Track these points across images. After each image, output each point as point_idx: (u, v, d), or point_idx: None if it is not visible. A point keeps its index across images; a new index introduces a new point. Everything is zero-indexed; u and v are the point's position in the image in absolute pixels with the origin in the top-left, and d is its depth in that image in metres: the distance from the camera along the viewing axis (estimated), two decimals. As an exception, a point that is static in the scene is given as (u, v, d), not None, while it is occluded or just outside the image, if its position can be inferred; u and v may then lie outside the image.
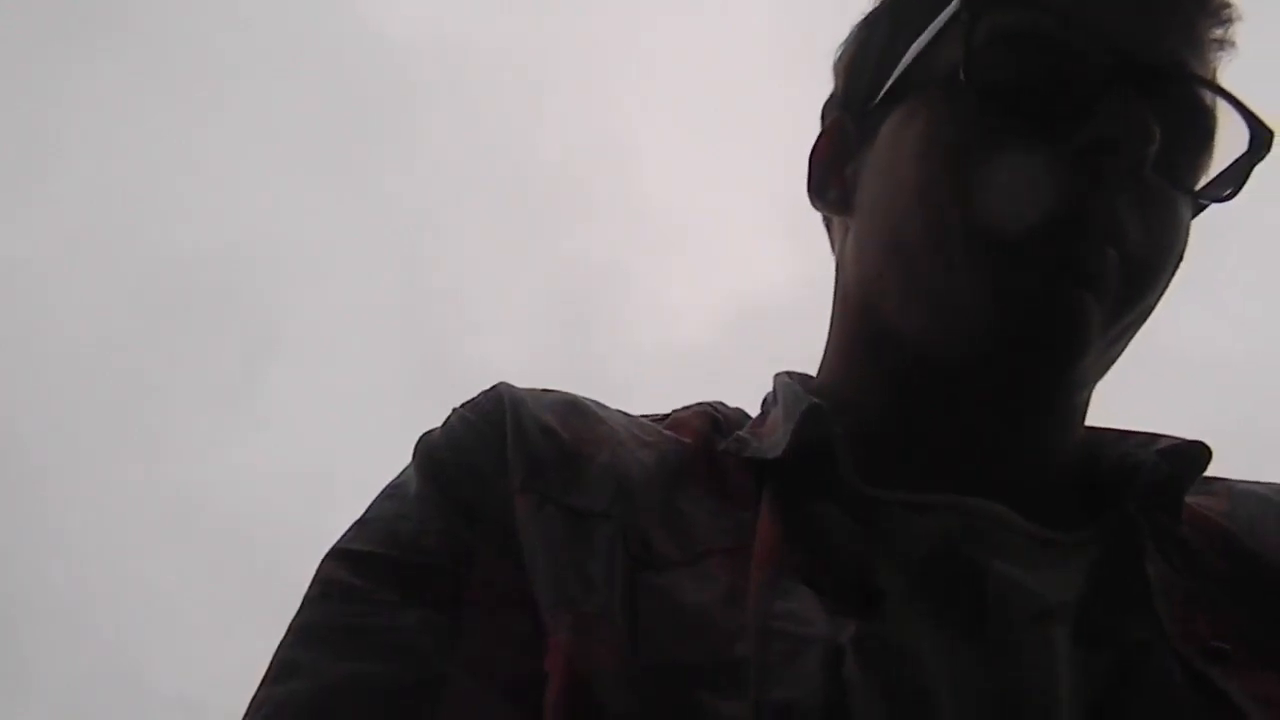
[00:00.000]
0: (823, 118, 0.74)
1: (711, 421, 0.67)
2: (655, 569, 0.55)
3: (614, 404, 0.71)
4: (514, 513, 0.58)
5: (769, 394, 0.70)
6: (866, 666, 0.50)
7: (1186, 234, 0.63)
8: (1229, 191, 0.63)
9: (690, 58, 3.92)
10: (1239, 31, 0.65)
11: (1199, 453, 0.62)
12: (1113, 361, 0.64)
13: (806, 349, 0.76)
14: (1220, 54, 0.64)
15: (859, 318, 0.67)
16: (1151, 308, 0.63)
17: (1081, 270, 0.57)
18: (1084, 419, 0.66)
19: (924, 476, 0.60)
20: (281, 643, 0.56)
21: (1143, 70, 0.59)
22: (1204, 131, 0.62)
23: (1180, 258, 0.62)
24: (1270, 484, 0.68)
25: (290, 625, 0.57)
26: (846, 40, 0.72)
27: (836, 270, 0.71)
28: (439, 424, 0.64)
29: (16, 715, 3.57)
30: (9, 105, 3.88)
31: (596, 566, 0.55)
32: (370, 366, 4.01)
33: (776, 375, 0.70)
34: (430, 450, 0.63)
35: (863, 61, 0.70)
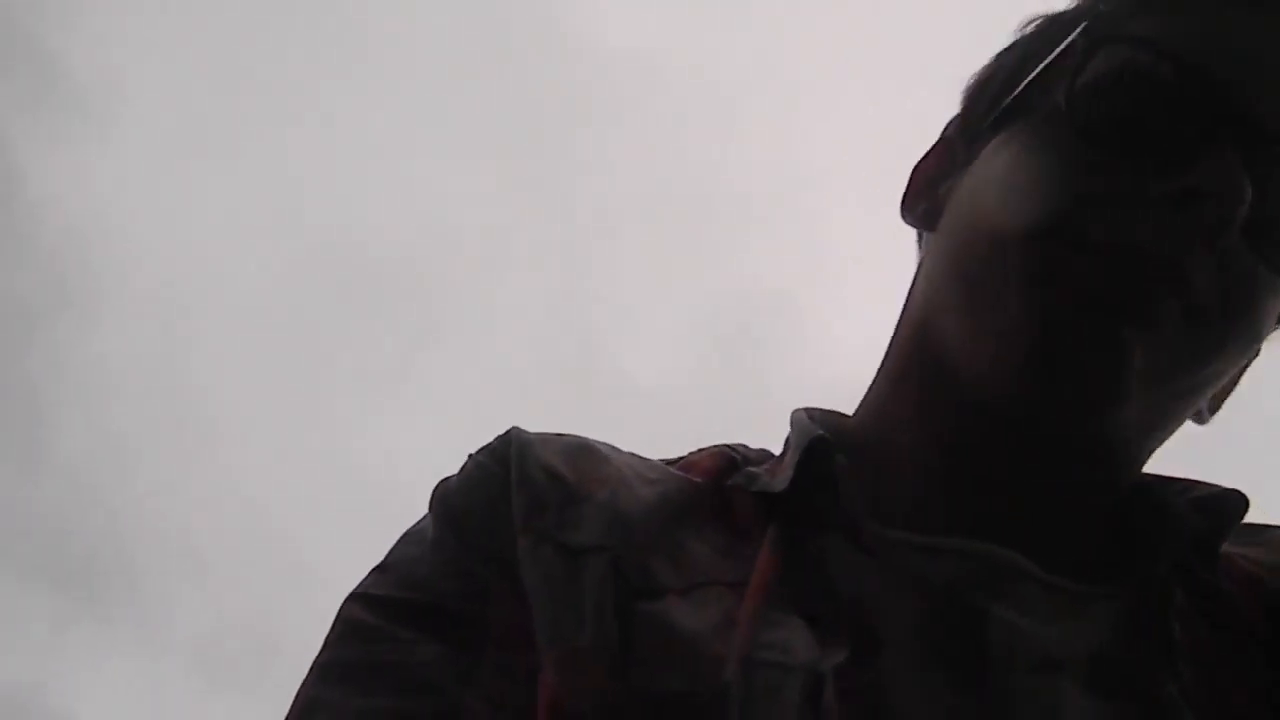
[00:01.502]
0: (942, 136, 0.72)
1: (728, 461, 0.66)
2: (651, 596, 0.55)
3: (766, 431, 0.69)
4: (516, 553, 0.58)
5: (789, 434, 0.67)
6: (846, 698, 0.49)
7: (1271, 316, 0.59)
8: None
9: (887, 89, 3.85)
10: None
11: (1235, 502, 0.59)
12: (1159, 435, 0.61)
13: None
14: None
15: (912, 337, 0.65)
16: (1208, 383, 0.59)
17: (1135, 310, 0.54)
18: (1129, 478, 0.62)
19: (940, 519, 0.58)
20: (304, 681, 0.57)
21: (1251, 129, 0.56)
22: None
23: (1255, 338, 0.58)
24: None
25: (312, 664, 0.57)
26: (981, 67, 0.71)
27: (910, 287, 0.70)
28: (457, 471, 0.65)
29: (156, 660, 3.72)
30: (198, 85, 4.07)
31: (588, 600, 0.55)
32: (523, 364, 4.07)
33: (794, 411, 0.68)
34: (445, 496, 0.63)
35: (986, 87, 0.69)
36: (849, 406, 0.73)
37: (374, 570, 0.61)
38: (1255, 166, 0.55)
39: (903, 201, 0.71)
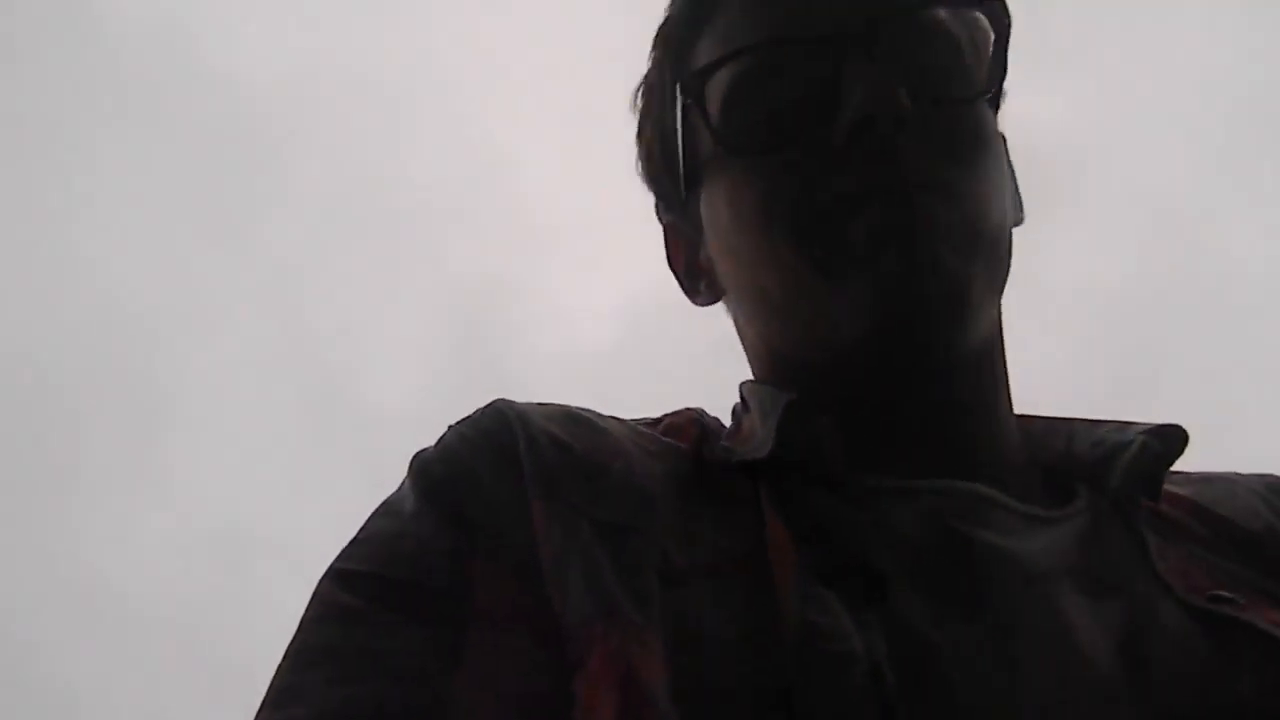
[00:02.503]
0: (659, 223, 0.79)
1: (700, 428, 0.68)
2: (676, 585, 0.55)
3: None
4: (531, 526, 0.57)
5: (736, 405, 0.71)
6: (905, 682, 0.50)
7: (989, 129, 0.66)
8: (997, 76, 0.67)
9: (541, 53, 3.89)
10: None
11: (1180, 434, 0.66)
12: (1000, 283, 0.66)
13: (708, 336, 0.80)
14: None
15: (767, 364, 0.70)
16: (1000, 209, 0.65)
17: (913, 224, 0.59)
18: (1007, 380, 0.69)
19: (900, 464, 0.62)
20: (279, 667, 0.54)
21: (856, 41, 0.61)
22: (949, 44, 0.65)
23: (995, 153, 0.65)
24: (1226, 472, 0.73)
25: (288, 649, 0.55)
26: (636, 152, 0.77)
27: (741, 341, 0.75)
28: (434, 443, 0.64)
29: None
30: None
31: (635, 581, 0.55)
32: (267, 417, 3.91)
33: (742, 384, 0.72)
34: (427, 467, 0.62)
35: (653, 167, 0.75)
36: (595, 377, 0.76)
37: (351, 543, 0.59)
38: (887, 50, 0.61)
39: (687, 293, 0.77)
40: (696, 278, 0.75)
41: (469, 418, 0.64)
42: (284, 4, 4.06)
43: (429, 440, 0.66)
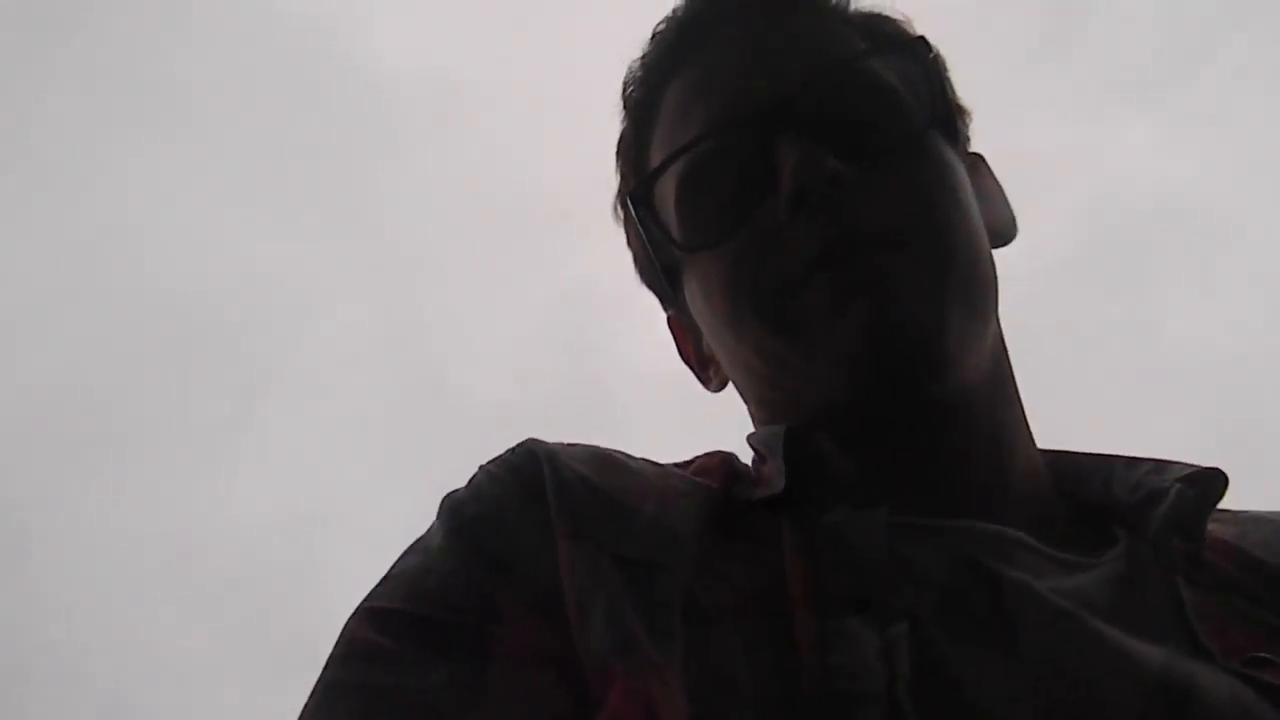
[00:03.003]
0: (667, 323, 0.83)
1: (732, 469, 0.69)
2: (699, 623, 0.55)
3: (616, 429, 0.73)
4: (556, 564, 0.57)
5: (754, 458, 0.71)
6: (923, 707, 0.49)
7: (939, 160, 0.66)
8: (939, 107, 0.67)
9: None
10: None
11: (1219, 479, 0.64)
12: (988, 299, 0.66)
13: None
14: (850, 16, 0.71)
15: (771, 419, 0.70)
16: (973, 245, 0.64)
17: (870, 278, 0.60)
18: (1024, 415, 0.68)
19: (922, 506, 0.61)
20: (306, 704, 0.55)
21: (779, 115, 0.63)
22: (878, 90, 0.66)
23: (951, 185, 0.65)
24: (1274, 510, 0.70)
25: (315, 685, 0.56)
26: (631, 260, 0.81)
27: (751, 420, 0.76)
28: (464, 483, 0.65)
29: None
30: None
31: (658, 619, 0.54)
32: (364, 402, 3.97)
33: (748, 437, 0.72)
34: (457, 507, 0.63)
35: (644, 270, 0.78)
36: (693, 395, 0.78)
37: (381, 580, 0.60)
38: (819, 105, 0.63)
39: (701, 382, 0.80)
40: (705, 366, 0.79)
41: (499, 457, 0.65)
42: (430, 4, 4.15)
43: (520, 436, 0.66)
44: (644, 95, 0.74)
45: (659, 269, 0.74)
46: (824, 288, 0.61)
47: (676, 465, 0.70)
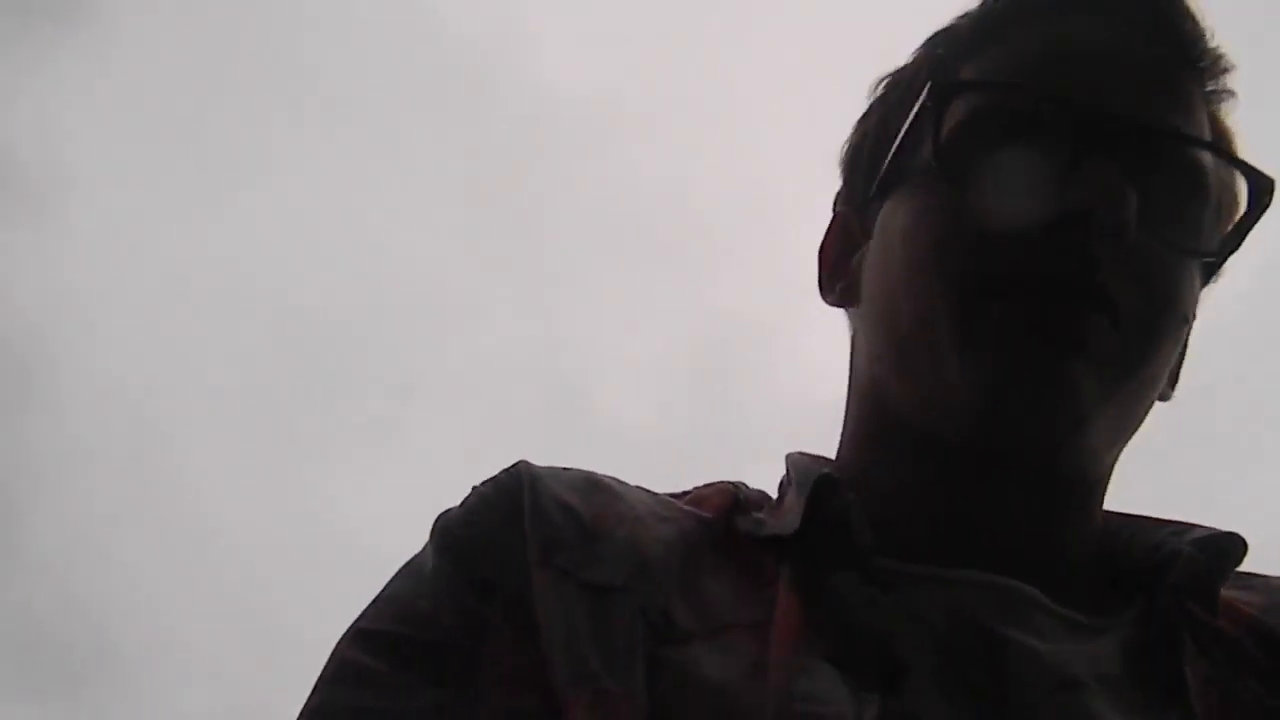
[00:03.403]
0: (833, 211, 0.75)
1: (732, 499, 0.66)
2: (675, 643, 0.54)
3: (752, 459, 0.73)
4: (531, 589, 0.57)
5: (784, 477, 0.69)
6: None
7: (1191, 295, 0.61)
8: (1230, 248, 0.62)
9: (835, 107, 3.86)
10: (1234, 79, 0.64)
11: (1234, 544, 0.61)
12: (1129, 432, 0.63)
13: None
14: (1217, 106, 0.63)
15: (867, 402, 0.67)
16: (1158, 374, 0.61)
17: (1065, 338, 0.56)
18: (1103, 498, 0.65)
19: (942, 554, 0.59)
20: None
21: (1114, 136, 0.58)
22: (1198, 189, 0.60)
23: (1184, 320, 0.61)
24: None
25: (304, 708, 0.56)
26: (848, 135, 0.73)
27: (850, 358, 0.72)
28: (459, 503, 0.64)
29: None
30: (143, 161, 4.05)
31: (616, 642, 0.54)
32: (505, 414, 4.04)
33: (789, 455, 0.70)
34: (448, 528, 0.62)
35: (858, 156, 0.71)
36: (832, 429, 0.74)
37: (372, 602, 0.60)
38: (1135, 162, 0.57)
39: (820, 284, 0.74)
40: (838, 277, 0.72)
41: (492, 478, 0.64)
42: (601, 22, 4.22)
43: (658, 460, 0.66)
44: (1006, 10, 0.66)
45: (883, 167, 0.67)
46: (1027, 312, 0.57)
47: (673, 495, 0.68)
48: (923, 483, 0.62)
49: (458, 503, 0.64)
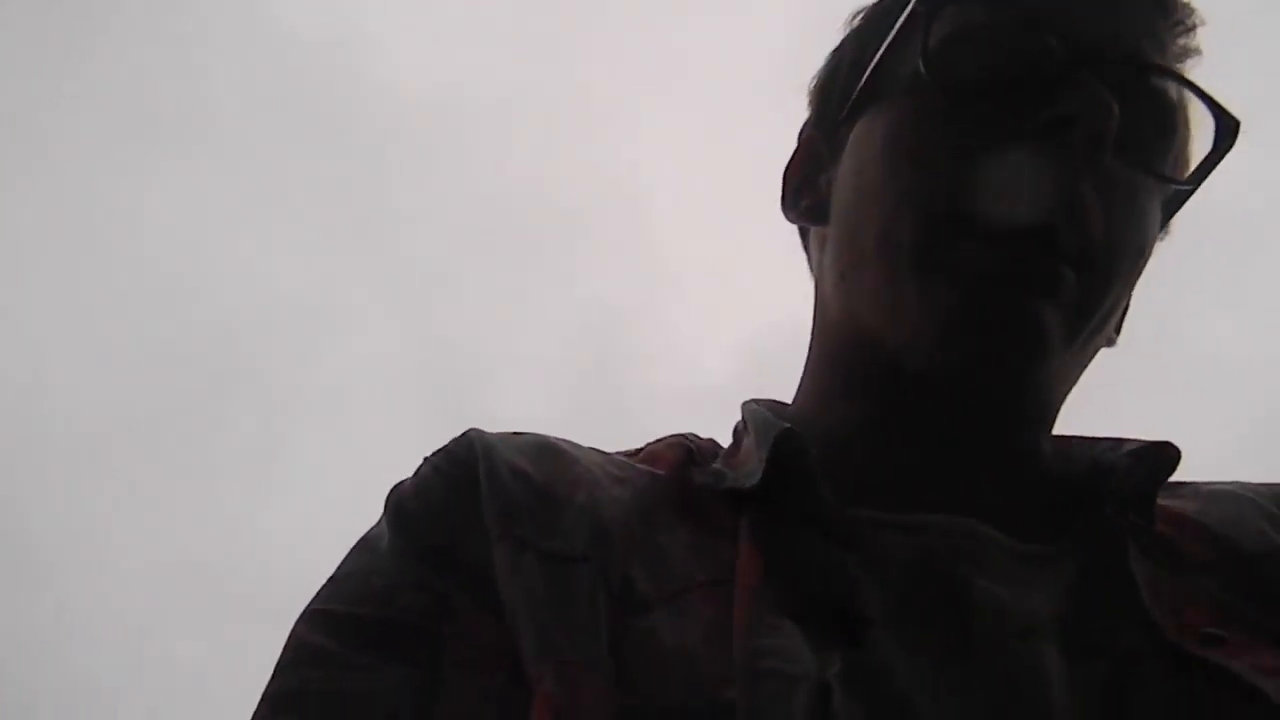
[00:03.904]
0: (799, 139, 0.76)
1: (686, 452, 0.66)
2: (637, 610, 0.54)
3: (637, 442, 0.69)
4: (492, 561, 0.56)
5: (739, 423, 0.69)
6: (854, 700, 0.49)
7: (1152, 229, 0.63)
8: (1193, 179, 0.64)
9: (696, 89, 3.90)
10: (1202, 38, 0.67)
11: (1169, 453, 0.63)
12: (1079, 371, 0.65)
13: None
14: (1185, 58, 0.66)
15: (834, 326, 0.67)
16: (1113, 313, 0.63)
17: (1035, 277, 0.57)
18: (1053, 426, 0.67)
19: (901, 496, 0.60)
20: (255, 713, 0.54)
21: (1102, 58, 0.59)
22: (1168, 120, 0.63)
23: (1144, 253, 0.63)
24: (1234, 481, 0.69)
25: (264, 694, 0.55)
26: (820, 68, 0.74)
27: (815, 285, 0.72)
28: (410, 474, 0.63)
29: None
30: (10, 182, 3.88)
31: (579, 613, 0.53)
32: (390, 421, 3.98)
33: (745, 403, 0.70)
34: (402, 501, 0.61)
35: (832, 82, 0.72)
36: (715, 412, 0.74)
37: (328, 582, 0.58)
38: (1116, 90, 0.58)
39: (783, 203, 0.74)
40: (803, 195, 0.73)
41: (443, 448, 0.63)
42: (447, 22, 4.17)
43: None
44: None
45: (860, 84, 0.67)
46: (997, 231, 0.58)
47: (626, 453, 0.68)
48: (882, 419, 0.63)
49: (410, 474, 0.63)
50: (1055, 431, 0.69)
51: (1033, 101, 0.59)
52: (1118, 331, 0.71)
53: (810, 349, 0.72)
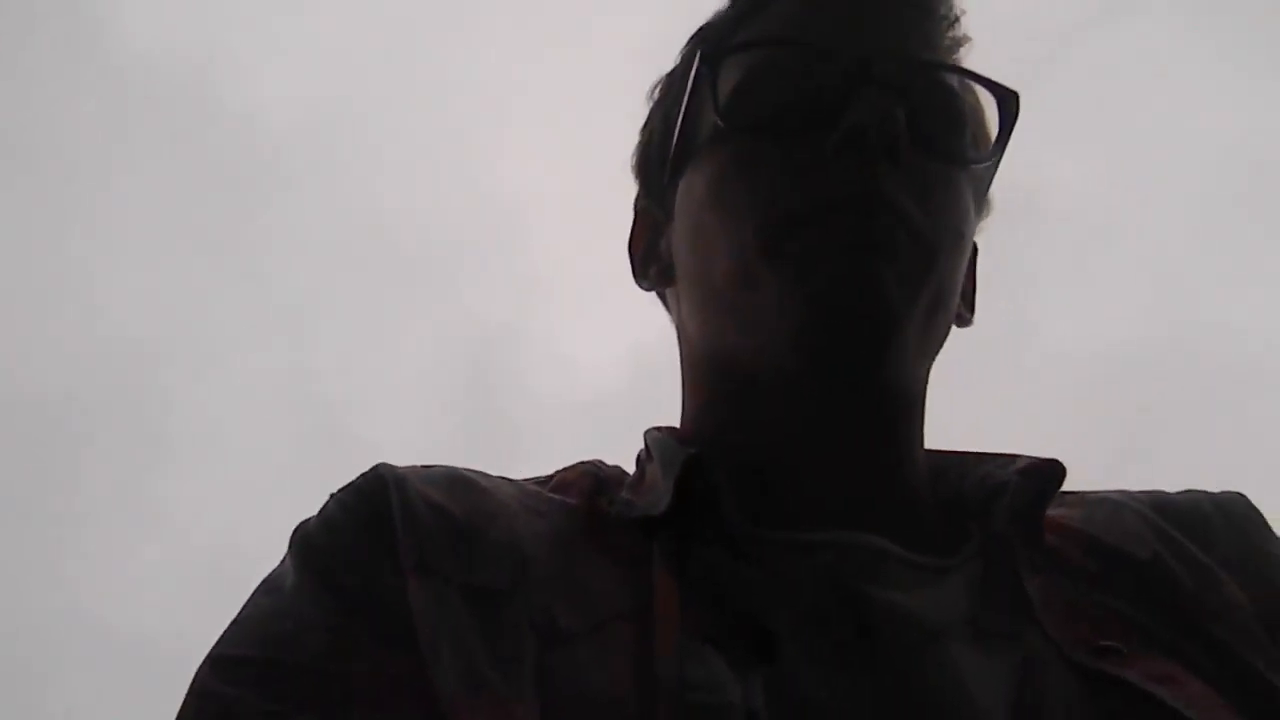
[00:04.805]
0: (634, 212, 0.80)
1: (595, 481, 0.68)
2: (560, 645, 0.54)
3: (523, 461, 0.72)
4: (406, 597, 0.55)
5: (641, 451, 0.71)
6: None
7: (966, 212, 0.67)
8: (992, 155, 0.69)
9: (565, 102, 3.92)
10: (968, 26, 0.72)
11: (1056, 470, 0.66)
12: (933, 347, 0.68)
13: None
14: (957, 49, 0.71)
15: (701, 370, 0.71)
16: (950, 289, 0.66)
17: (871, 242, 0.61)
18: (922, 423, 0.70)
19: (806, 515, 0.62)
20: None
21: (878, 69, 0.63)
22: (954, 109, 0.67)
23: (963, 234, 0.67)
24: (1117, 490, 0.72)
25: None
26: (636, 143, 0.79)
27: (678, 337, 0.75)
28: (316, 512, 0.62)
29: None
30: None
31: (505, 646, 0.53)
32: (263, 453, 3.88)
33: (647, 431, 0.72)
34: (308, 539, 0.60)
35: (648, 152, 0.77)
36: (603, 424, 0.76)
37: (231, 624, 0.57)
38: (900, 95, 0.63)
39: (634, 274, 0.78)
40: (650, 263, 0.77)
41: (350, 484, 0.63)
42: (302, 46, 4.10)
43: None
44: None
45: (671, 149, 0.72)
46: (827, 230, 0.61)
47: (536, 481, 0.69)
48: (765, 434, 0.65)
49: (315, 511, 0.62)
50: (940, 447, 0.73)
51: (825, 123, 0.63)
52: (971, 311, 0.75)
53: (684, 388, 0.74)
